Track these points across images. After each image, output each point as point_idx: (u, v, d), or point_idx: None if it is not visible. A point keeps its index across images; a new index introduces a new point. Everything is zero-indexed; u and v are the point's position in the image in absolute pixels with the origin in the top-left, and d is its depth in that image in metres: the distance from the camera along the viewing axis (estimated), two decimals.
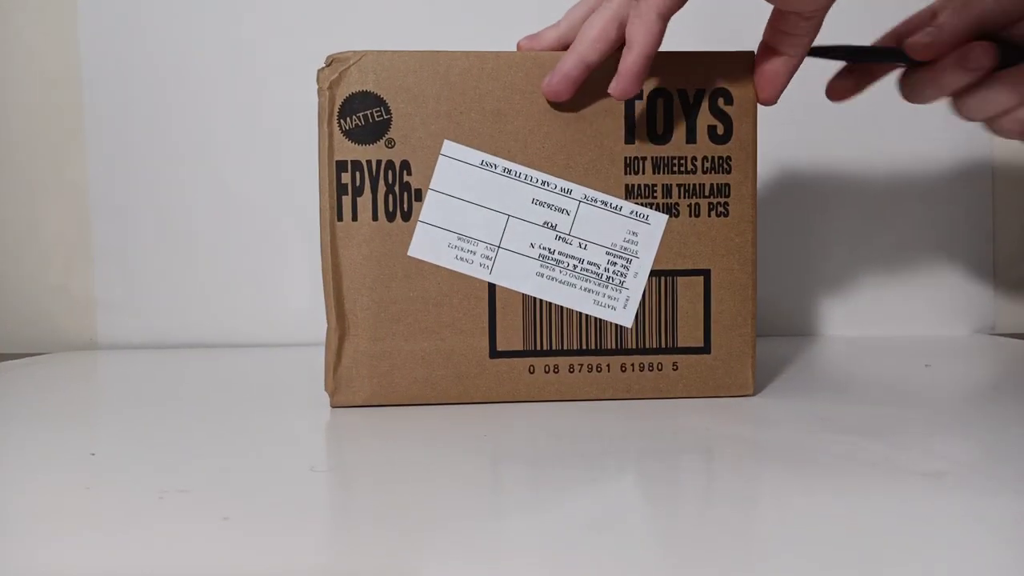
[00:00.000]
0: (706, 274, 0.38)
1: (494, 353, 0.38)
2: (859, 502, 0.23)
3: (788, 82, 0.36)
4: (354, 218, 0.37)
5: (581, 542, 0.21)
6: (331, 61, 0.37)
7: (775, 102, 0.36)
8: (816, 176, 0.62)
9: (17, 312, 0.66)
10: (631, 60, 0.33)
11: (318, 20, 0.63)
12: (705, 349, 0.38)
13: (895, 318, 0.63)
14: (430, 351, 0.37)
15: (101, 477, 0.27)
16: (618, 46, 0.34)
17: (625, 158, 0.37)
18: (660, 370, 0.38)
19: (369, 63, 0.37)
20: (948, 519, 0.22)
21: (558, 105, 0.37)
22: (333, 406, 0.37)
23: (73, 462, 0.29)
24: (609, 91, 0.34)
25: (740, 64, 0.37)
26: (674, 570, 0.19)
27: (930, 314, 0.63)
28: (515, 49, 0.39)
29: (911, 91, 0.39)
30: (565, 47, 0.37)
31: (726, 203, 0.38)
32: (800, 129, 0.62)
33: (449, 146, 0.37)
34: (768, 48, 0.35)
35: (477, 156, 0.37)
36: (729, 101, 0.37)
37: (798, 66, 0.35)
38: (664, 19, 0.32)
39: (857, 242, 0.63)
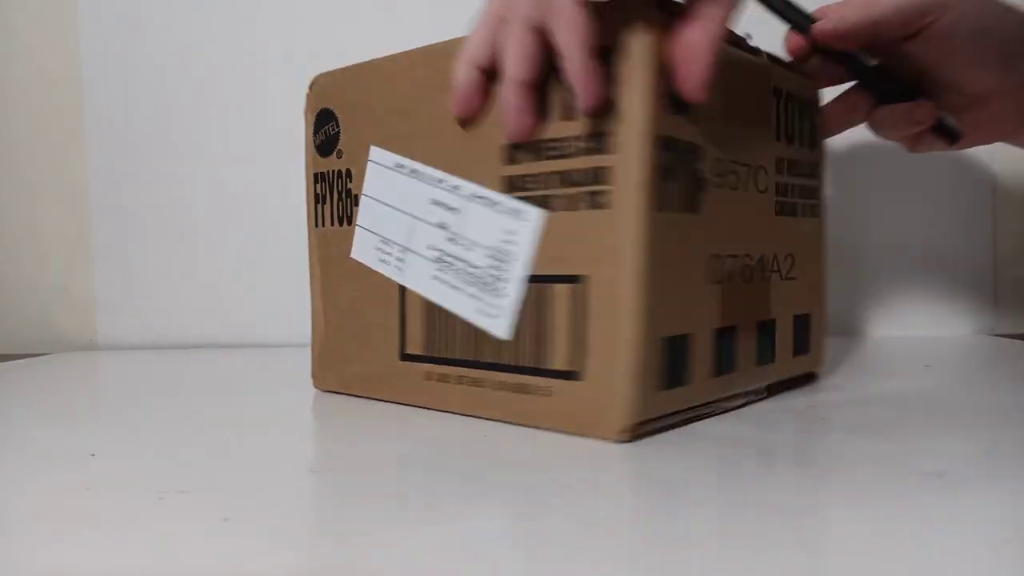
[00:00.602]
0: (581, 281, 0.30)
1: (403, 356, 0.37)
2: (859, 502, 0.23)
3: (710, 61, 0.28)
4: (320, 224, 0.41)
5: (573, 543, 0.21)
6: (312, 84, 0.41)
7: (702, 96, 0.29)
8: None
9: (17, 312, 0.67)
10: (573, 69, 0.28)
11: (318, 20, 0.63)
12: (575, 375, 0.30)
13: (896, 318, 0.63)
14: (363, 348, 0.39)
15: (101, 477, 0.27)
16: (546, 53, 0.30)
17: (503, 146, 0.33)
18: (532, 393, 0.32)
19: (329, 82, 0.40)
20: (948, 519, 0.22)
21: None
22: (315, 387, 0.42)
23: (73, 462, 0.29)
24: (582, 108, 0.29)
25: (630, 12, 0.29)
26: (676, 569, 0.19)
27: (930, 314, 0.63)
28: None
29: (879, 130, 0.41)
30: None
31: (605, 192, 0.30)
32: None
33: (374, 151, 0.37)
34: (686, 16, 0.29)
35: (393, 159, 0.37)
36: (611, 60, 0.29)
37: (720, 37, 0.29)
38: (585, 4, 0.27)
39: (856, 242, 0.63)
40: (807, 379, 0.41)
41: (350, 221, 0.39)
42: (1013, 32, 0.37)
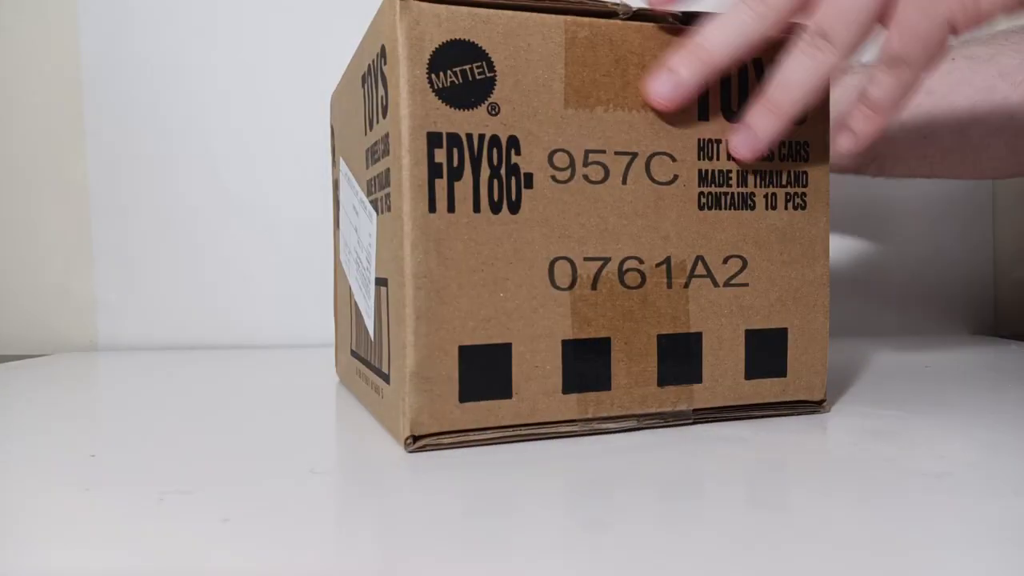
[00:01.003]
0: (387, 285, 0.30)
1: (352, 353, 0.39)
2: (859, 502, 0.23)
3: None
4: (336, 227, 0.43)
5: (579, 543, 0.21)
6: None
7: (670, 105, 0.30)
8: None
9: (17, 313, 0.67)
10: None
11: (318, 20, 0.63)
12: (388, 378, 0.31)
13: (895, 318, 0.63)
14: (341, 346, 0.43)
15: (101, 477, 0.27)
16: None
17: (366, 149, 0.32)
18: (377, 393, 0.33)
19: (332, 96, 0.43)
20: (948, 519, 0.22)
21: None
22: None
23: (73, 463, 0.29)
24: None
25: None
26: (676, 570, 0.19)
27: (930, 314, 0.63)
28: None
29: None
30: None
31: (390, 195, 0.29)
32: None
33: (341, 163, 0.40)
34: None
35: (344, 168, 0.39)
36: (386, 61, 0.28)
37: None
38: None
39: (856, 242, 0.63)
40: (801, 407, 0.34)
41: (337, 226, 0.43)
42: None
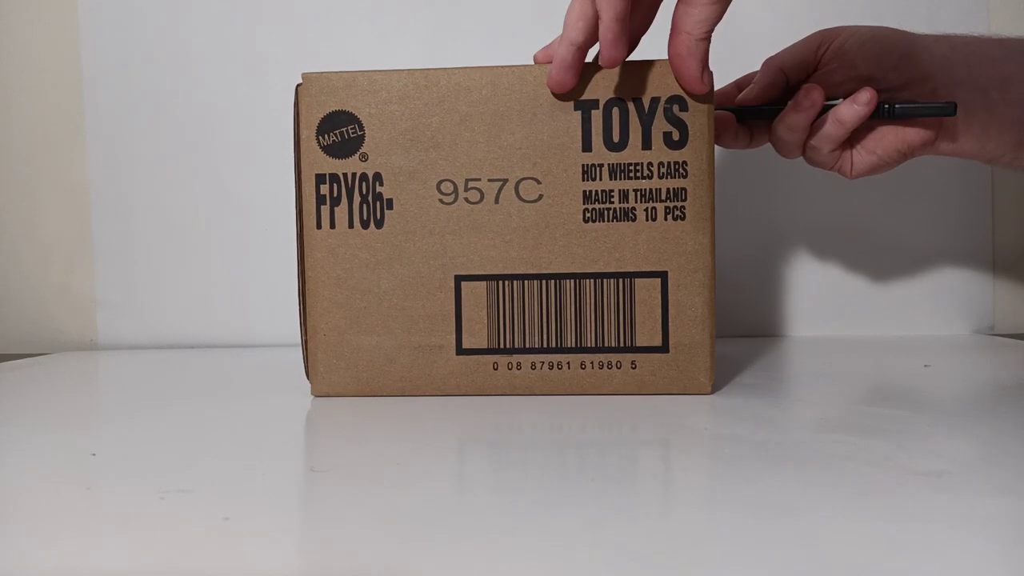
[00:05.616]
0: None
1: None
2: (859, 502, 0.23)
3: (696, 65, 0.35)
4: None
5: (579, 544, 0.21)
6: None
7: (702, 90, 0.36)
8: (816, 176, 0.62)
9: (18, 312, 0.67)
10: (602, 27, 0.34)
11: (317, 19, 0.63)
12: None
13: (895, 318, 0.63)
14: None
15: (101, 477, 0.27)
16: (596, 22, 0.35)
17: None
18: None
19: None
20: (948, 519, 0.22)
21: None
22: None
23: (73, 462, 0.29)
24: (600, 62, 0.35)
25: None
26: (678, 568, 0.19)
27: (930, 314, 0.63)
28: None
29: (779, 148, 0.44)
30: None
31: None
32: None
33: None
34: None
35: None
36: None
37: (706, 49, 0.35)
38: None
39: (857, 241, 0.63)
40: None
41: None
42: (898, 35, 0.42)
